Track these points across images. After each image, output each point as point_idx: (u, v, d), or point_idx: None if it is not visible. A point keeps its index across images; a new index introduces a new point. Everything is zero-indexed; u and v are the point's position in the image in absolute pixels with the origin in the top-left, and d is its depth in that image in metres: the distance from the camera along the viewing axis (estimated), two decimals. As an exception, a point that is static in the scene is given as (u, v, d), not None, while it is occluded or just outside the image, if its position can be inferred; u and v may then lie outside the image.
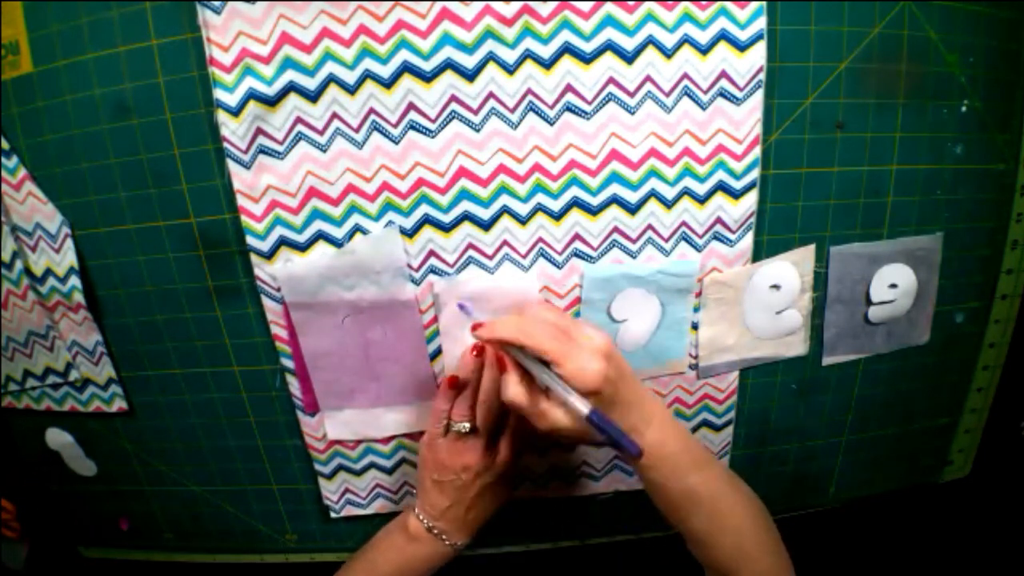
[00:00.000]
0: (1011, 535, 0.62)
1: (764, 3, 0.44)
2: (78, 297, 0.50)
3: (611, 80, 0.45)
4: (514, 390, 0.39)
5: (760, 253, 0.51)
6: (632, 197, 0.48)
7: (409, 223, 0.47)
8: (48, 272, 0.50)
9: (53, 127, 0.46)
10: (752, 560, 0.43)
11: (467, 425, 0.46)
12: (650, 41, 0.44)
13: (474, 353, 0.46)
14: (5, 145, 0.47)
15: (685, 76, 0.45)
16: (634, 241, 0.49)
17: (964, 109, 0.51)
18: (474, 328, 0.44)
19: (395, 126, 0.45)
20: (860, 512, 0.64)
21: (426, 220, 0.47)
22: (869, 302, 0.54)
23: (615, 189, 0.48)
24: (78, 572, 0.65)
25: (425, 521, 0.48)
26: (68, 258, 0.49)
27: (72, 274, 0.50)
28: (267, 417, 0.54)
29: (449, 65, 0.44)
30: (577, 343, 0.38)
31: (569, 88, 0.45)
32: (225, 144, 0.44)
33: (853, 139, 0.49)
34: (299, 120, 0.44)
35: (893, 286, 0.53)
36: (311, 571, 0.63)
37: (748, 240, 0.50)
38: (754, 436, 0.58)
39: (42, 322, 0.52)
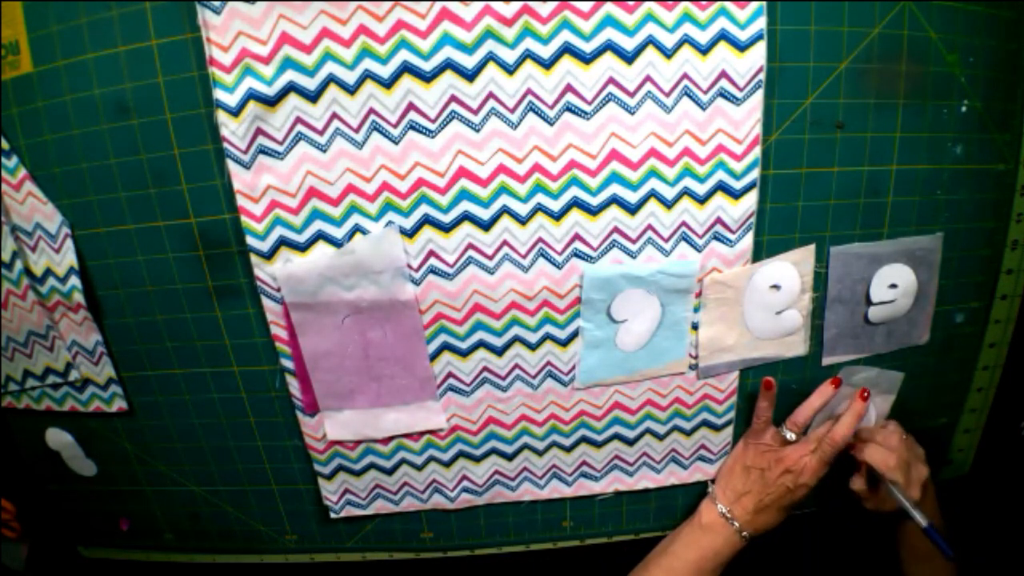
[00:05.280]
0: (1011, 535, 0.62)
1: (764, 3, 0.44)
2: (78, 297, 0.50)
3: (611, 80, 0.45)
4: (860, 485, 0.53)
5: (760, 253, 0.51)
6: (632, 197, 0.48)
7: (409, 223, 0.47)
8: (48, 272, 0.50)
9: (53, 127, 0.46)
10: None
11: (792, 435, 0.53)
12: (650, 41, 0.44)
13: (832, 383, 0.53)
14: (5, 145, 0.47)
15: (685, 76, 0.45)
16: (634, 241, 0.49)
17: (964, 109, 0.51)
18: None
19: (395, 126, 0.45)
20: (860, 512, 0.64)
21: (426, 220, 0.47)
22: (869, 302, 0.54)
23: (615, 189, 0.48)
24: (78, 572, 0.65)
25: (720, 507, 0.53)
26: (68, 258, 0.49)
27: (72, 274, 0.50)
28: (267, 417, 0.55)
29: (449, 65, 0.44)
30: (910, 477, 0.50)
31: (569, 88, 0.45)
32: (225, 144, 0.44)
33: (853, 139, 0.49)
34: (299, 120, 0.44)
35: (893, 286, 0.53)
36: (311, 571, 0.63)
37: (748, 240, 0.50)
38: (754, 436, 0.58)
39: (42, 322, 0.52)
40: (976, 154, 0.52)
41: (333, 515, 0.58)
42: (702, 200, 0.48)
